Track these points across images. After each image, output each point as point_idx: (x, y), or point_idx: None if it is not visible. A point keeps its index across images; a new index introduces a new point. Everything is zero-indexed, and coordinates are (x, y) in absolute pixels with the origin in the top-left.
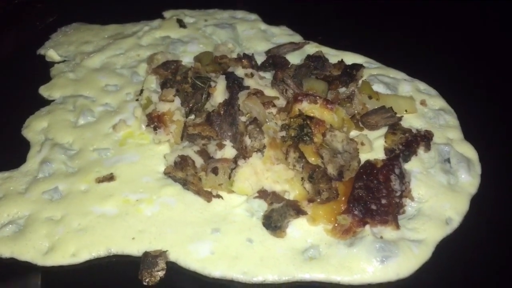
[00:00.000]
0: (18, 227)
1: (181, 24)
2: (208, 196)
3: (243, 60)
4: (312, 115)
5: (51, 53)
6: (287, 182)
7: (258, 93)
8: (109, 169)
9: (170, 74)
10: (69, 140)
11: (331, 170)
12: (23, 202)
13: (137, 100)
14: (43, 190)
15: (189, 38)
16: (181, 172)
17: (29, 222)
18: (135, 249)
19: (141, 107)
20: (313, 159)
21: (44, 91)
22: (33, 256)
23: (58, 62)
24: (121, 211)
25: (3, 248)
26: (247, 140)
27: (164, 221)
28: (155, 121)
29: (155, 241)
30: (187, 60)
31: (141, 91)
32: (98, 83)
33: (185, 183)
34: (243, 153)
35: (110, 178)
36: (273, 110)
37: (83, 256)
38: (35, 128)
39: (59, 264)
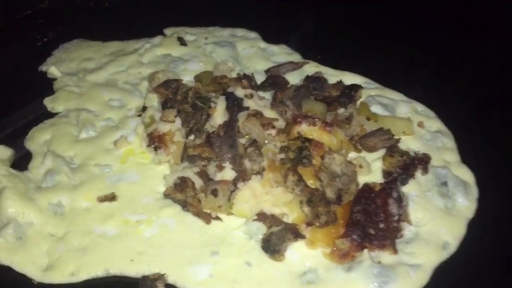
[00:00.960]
0: (21, 235)
1: (182, 42)
2: (207, 218)
3: (243, 81)
4: (311, 137)
5: (53, 70)
6: (285, 205)
7: (257, 114)
8: (111, 188)
9: (170, 93)
10: (71, 154)
11: (329, 193)
12: (30, 206)
13: (139, 115)
14: (48, 201)
15: (190, 56)
16: (180, 193)
17: (32, 234)
18: (133, 270)
19: (143, 125)
20: (311, 181)
21: (48, 102)
22: (31, 270)
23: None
24: (121, 232)
25: (3, 254)
26: (247, 163)
27: (163, 243)
28: (156, 141)
29: (153, 263)
30: (187, 78)
31: (143, 107)
32: (102, 97)
33: (184, 205)
34: (242, 176)
35: (112, 198)
36: (272, 132)
37: (82, 276)
38: (38, 140)
39: (57, 283)
